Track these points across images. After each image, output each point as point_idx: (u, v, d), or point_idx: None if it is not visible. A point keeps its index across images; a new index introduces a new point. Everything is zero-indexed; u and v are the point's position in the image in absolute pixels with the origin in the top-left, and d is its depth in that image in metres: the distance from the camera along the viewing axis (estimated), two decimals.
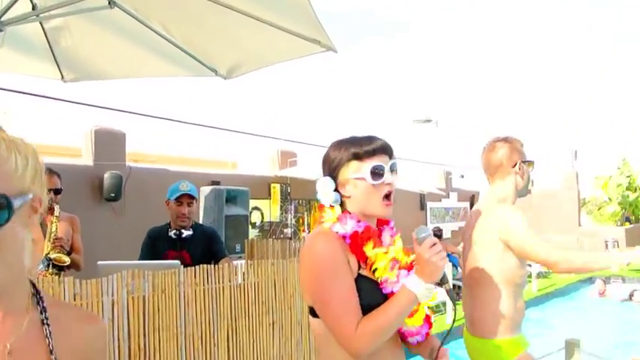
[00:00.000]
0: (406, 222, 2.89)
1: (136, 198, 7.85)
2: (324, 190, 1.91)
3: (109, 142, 7.88)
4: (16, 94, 6.17)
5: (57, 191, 4.28)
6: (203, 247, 4.11)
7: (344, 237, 1.86)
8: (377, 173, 1.87)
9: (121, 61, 4.62)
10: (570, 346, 3.69)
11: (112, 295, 2.75)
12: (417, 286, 1.77)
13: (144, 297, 2.88)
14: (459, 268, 9.38)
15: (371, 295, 1.82)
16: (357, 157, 1.88)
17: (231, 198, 6.56)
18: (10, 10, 3.22)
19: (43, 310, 1.13)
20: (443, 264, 1.79)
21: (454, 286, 6.47)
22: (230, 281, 3.28)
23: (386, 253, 1.88)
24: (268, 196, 10.62)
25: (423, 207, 15.33)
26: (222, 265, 3.28)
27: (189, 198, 4.10)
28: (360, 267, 1.86)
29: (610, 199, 22.72)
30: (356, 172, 1.88)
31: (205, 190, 6.64)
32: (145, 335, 2.87)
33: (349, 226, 1.86)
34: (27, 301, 1.12)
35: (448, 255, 2.24)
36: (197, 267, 3.13)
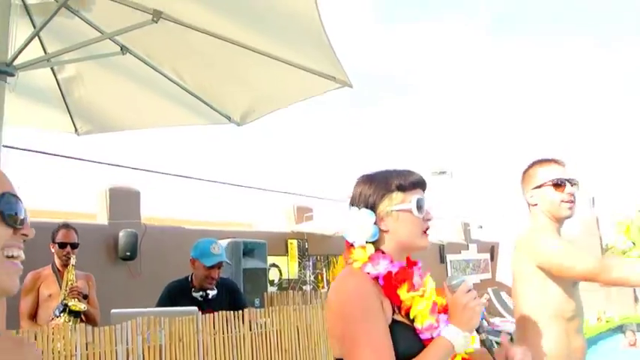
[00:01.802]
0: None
1: (152, 257, 7.70)
2: (362, 224, 1.77)
3: (123, 201, 7.80)
4: (31, 152, 6.13)
5: (73, 245, 4.30)
6: (228, 303, 3.91)
7: (376, 278, 1.73)
8: (421, 206, 1.78)
9: (134, 111, 4.58)
10: None
11: (127, 344, 2.58)
12: (455, 336, 1.67)
13: (160, 346, 2.70)
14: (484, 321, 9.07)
15: (408, 342, 1.68)
16: (402, 188, 1.80)
17: (249, 251, 6.40)
18: (22, 56, 3.17)
19: None
20: (480, 310, 1.71)
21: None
22: (251, 329, 3.09)
23: (422, 296, 1.75)
24: (285, 252, 10.43)
25: (442, 260, 15.00)
26: (242, 312, 3.10)
27: (220, 264, 3.94)
28: (394, 312, 1.72)
29: (634, 244, 22.23)
30: (400, 203, 1.78)
31: (222, 243, 6.48)
32: None
33: (382, 267, 1.73)
34: None
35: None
36: (216, 314, 2.96)
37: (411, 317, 1.73)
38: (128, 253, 7.36)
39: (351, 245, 1.80)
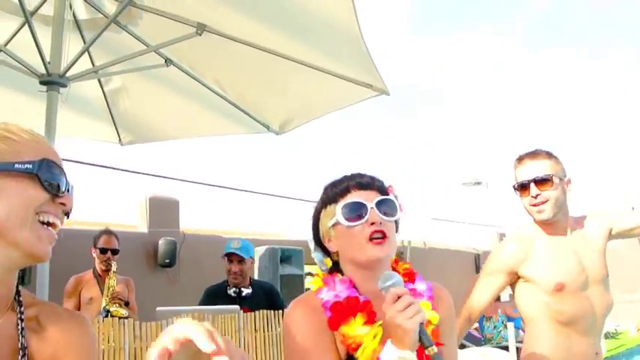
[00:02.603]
0: (461, 286, 2.71)
1: (190, 264, 7.86)
2: (314, 255, 1.65)
3: (163, 210, 8.00)
4: (75, 163, 6.36)
5: (114, 251, 4.42)
6: (264, 304, 4.05)
7: (325, 307, 1.49)
8: (352, 210, 1.51)
9: (176, 121, 4.74)
10: None
11: None
12: (387, 357, 1.38)
13: None
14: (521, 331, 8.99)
15: None
16: (330, 199, 1.57)
17: (286, 258, 6.51)
18: (72, 68, 3.35)
19: (20, 311, 1.09)
20: (411, 325, 1.33)
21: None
22: None
23: (373, 334, 1.44)
24: None
25: (478, 269, 14.90)
26: (282, 312, 3.19)
27: (237, 257, 4.10)
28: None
29: None
30: (332, 217, 1.55)
31: (260, 250, 6.61)
32: None
33: (330, 294, 1.51)
34: (8, 302, 1.09)
35: (510, 319, 1.99)
36: (257, 312, 3.07)
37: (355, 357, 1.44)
38: (167, 261, 7.54)
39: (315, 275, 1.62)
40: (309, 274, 10.02)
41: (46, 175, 1.05)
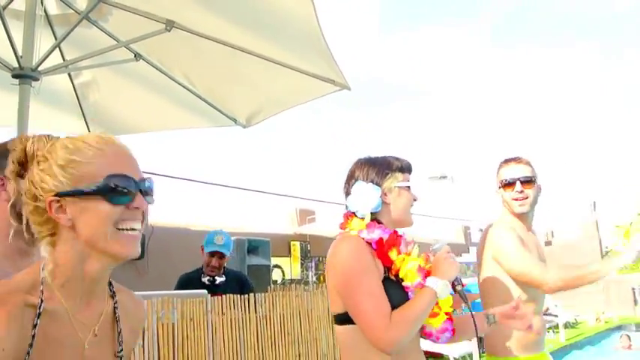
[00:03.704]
0: None
1: (159, 256, 7.96)
2: (369, 196, 2.05)
3: None
4: None
5: None
6: (235, 290, 4.21)
7: (369, 243, 1.98)
8: (411, 189, 2.13)
9: (145, 115, 4.84)
10: None
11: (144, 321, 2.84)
12: (436, 283, 1.93)
13: (173, 324, 2.96)
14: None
15: (397, 297, 1.93)
16: (402, 170, 2.12)
17: (253, 248, 6.66)
18: (44, 63, 3.45)
19: (113, 296, 1.32)
20: (456, 265, 2.01)
21: None
22: (256, 312, 3.35)
23: (410, 257, 2.02)
24: (288, 253, 10.67)
25: None
26: (248, 296, 3.36)
27: (219, 253, 4.26)
28: (385, 271, 1.99)
29: None
30: (402, 181, 2.10)
31: None
32: None
33: (376, 234, 2.00)
34: (107, 288, 1.31)
35: (475, 303, 2.38)
36: (224, 296, 3.22)
37: (401, 277, 1.99)
38: None
39: (350, 215, 2.07)
40: (276, 265, 10.19)
41: (111, 193, 1.17)
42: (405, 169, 2.13)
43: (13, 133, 3.29)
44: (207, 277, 4.23)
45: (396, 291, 1.95)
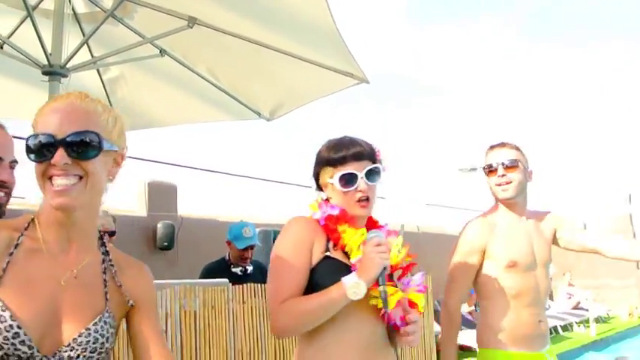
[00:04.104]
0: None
1: (188, 247, 8.12)
2: (314, 190, 2.05)
3: (161, 195, 8.25)
4: None
5: (111, 233, 4.55)
6: (259, 280, 4.32)
7: (318, 221, 1.92)
8: (347, 180, 1.91)
9: (172, 109, 4.98)
10: None
11: (167, 309, 2.95)
12: (348, 281, 1.75)
13: (195, 312, 3.07)
14: None
15: (336, 275, 1.80)
16: (330, 163, 1.95)
17: None
18: (72, 60, 3.59)
19: (106, 252, 1.42)
20: (380, 261, 1.77)
21: None
22: None
23: (358, 232, 1.90)
24: None
25: None
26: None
27: (251, 245, 4.39)
28: (328, 249, 1.89)
29: None
30: (331, 177, 1.95)
31: None
32: (196, 349, 3.05)
33: (326, 211, 1.93)
34: (95, 243, 1.40)
35: None
36: (245, 285, 3.31)
37: (346, 251, 1.89)
38: (166, 243, 7.81)
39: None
40: None
41: (31, 152, 1.28)
42: (337, 161, 1.93)
43: None
44: (240, 268, 4.36)
45: (333, 269, 1.84)
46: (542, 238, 2.78)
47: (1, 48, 3.75)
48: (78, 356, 1.26)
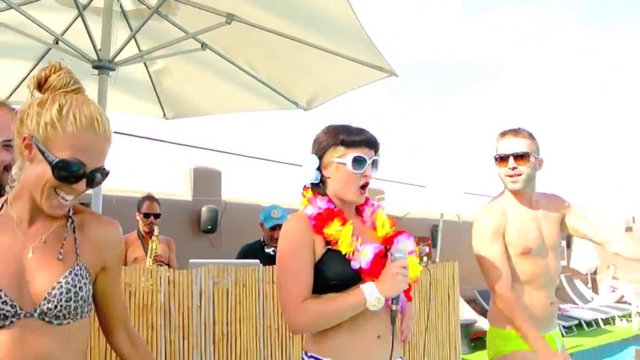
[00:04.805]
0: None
1: (231, 230, 8.43)
2: (309, 166, 2.06)
3: (206, 180, 8.59)
4: (126, 136, 6.95)
5: (156, 215, 4.78)
6: None
7: (310, 218, 1.99)
8: (358, 162, 1.99)
9: (214, 98, 5.25)
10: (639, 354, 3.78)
11: (201, 286, 3.21)
12: (370, 294, 1.86)
13: (227, 290, 3.32)
14: None
15: (340, 266, 1.93)
16: (344, 143, 2.01)
17: None
18: (120, 54, 3.87)
19: (70, 216, 1.60)
20: (403, 285, 1.91)
21: None
22: None
23: (343, 229, 1.95)
24: None
25: None
26: None
27: (279, 226, 4.62)
28: (329, 242, 1.96)
29: None
30: (340, 157, 2.00)
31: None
32: (227, 324, 3.30)
33: (314, 208, 2.01)
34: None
35: None
36: (274, 266, 3.54)
37: (339, 249, 1.94)
38: (209, 227, 8.15)
39: (305, 188, 2.09)
40: None
41: (59, 171, 1.44)
42: (351, 142, 2.01)
43: None
44: (272, 248, 4.60)
45: (337, 261, 1.94)
46: (551, 221, 2.86)
47: (57, 44, 4.06)
48: (55, 307, 1.44)
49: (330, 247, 1.96)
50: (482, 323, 9.24)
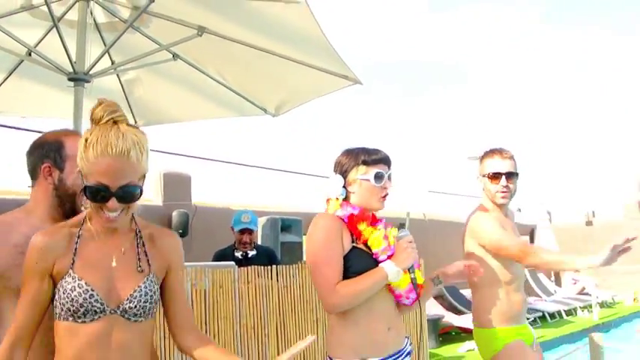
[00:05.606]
0: (461, 257, 3.09)
1: (202, 234, 8.53)
2: (335, 184, 2.40)
3: (176, 185, 8.68)
4: None
5: None
6: (265, 263, 4.76)
7: (342, 218, 2.33)
8: (379, 177, 2.37)
9: (184, 107, 5.39)
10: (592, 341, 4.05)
11: None
12: (389, 268, 2.27)
13: (205, 291, 3.48)
14: None
15: (364, 262, 2.29)
16: (365, 163, 2.39)
17: (286, 227, 7.14)
18: (94, 67, 4.00)
19: (138, 229, 1.86)
20: (415, 256, 2.34)
21: None
22: (278, 281, 3.85)
23: (376, 228, 2.37)
24: None
25: None
26: (270, 267, 3.86)
27: (248, 230, 4.82)
28: (354, 241, 2.33)
29: None
30: (363, 174, 2.38)
31: (262, 220, 7.26)
32: (206, 323, 3.47)
33: (347, 211, 2.35)
34: (131, 224, 1.86)
35: None
36: (249, 267, 3.72)
37: (368, 244, 2.33)
38: (181, 231, 8.21)
39: (329, 199, 2.41)
40: None
41: (89, 194, 1.71)
42: (371, 162, 2.38)
43: (70, 126, 3.85)
44: (240, 252, 4.81)
45: (362, 257, 2.30)
46: (515, 228, 3.17)
47: (29, 55, 4.16)
48: (135, 306, 1.74)
49: (354, 244, 2.32)
50: (450, 318, 9.57)
